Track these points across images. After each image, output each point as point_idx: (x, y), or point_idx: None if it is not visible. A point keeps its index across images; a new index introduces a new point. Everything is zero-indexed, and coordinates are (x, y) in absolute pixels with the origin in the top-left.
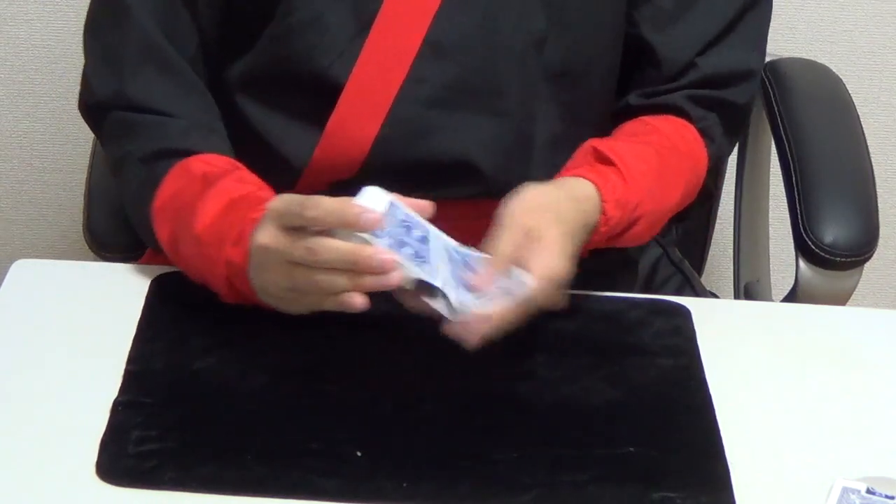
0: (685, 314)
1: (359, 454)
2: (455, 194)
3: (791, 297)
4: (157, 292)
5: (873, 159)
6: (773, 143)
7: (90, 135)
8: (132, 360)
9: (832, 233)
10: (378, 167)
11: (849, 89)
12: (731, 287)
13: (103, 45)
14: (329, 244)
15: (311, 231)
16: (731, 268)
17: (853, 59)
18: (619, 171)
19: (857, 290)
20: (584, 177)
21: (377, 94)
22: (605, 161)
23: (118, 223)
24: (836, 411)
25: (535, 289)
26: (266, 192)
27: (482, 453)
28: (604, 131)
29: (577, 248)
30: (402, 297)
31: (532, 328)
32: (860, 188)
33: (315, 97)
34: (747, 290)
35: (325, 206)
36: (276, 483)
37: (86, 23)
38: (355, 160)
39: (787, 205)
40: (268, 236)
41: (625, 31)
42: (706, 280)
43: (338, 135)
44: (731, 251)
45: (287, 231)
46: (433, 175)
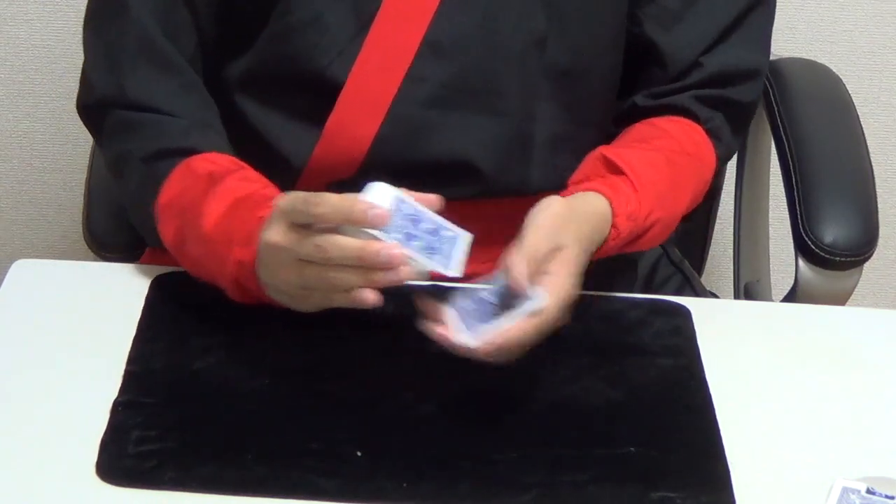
0: (685, 314)
1: (359, 454)
2: (454, 194)
3: (791, 297)
4: (157, 292)
5: (873, 159)
6: (773, 143)
7: (90, 135)
8: (132, 361)
9: (832, 233)
10: (377, 167)
11: (849, 89)
12: (731, 287)
13: (103, 42)
14: (337, 241)
15: (319, 228)
16: (731, 268)
17: (853, 59)
18: (630, 180)
19: (857, 290)
20: (596, 191)
21: (376, 94)
22: (616, 170)
23: (118, 223)
24: (836, 411)
25: (549, 306)
26: (271, 190)
27: (482, 453)
28: (605, 131)
29: (586, 264)
30: (421, 306)
31: None
32: (860, 188)
33: (314, 96)
34: (747, 290)
35: (332, 203)
36: (276, 483)
37: (85, 19)
38: (354, 160)
39: (787, 205)
40: (276, 234)
41: (629, 31)
42: (706, 280)
43: (337, 134)
44: (731, 251)
45: (295, 228)
46: (432, 175)
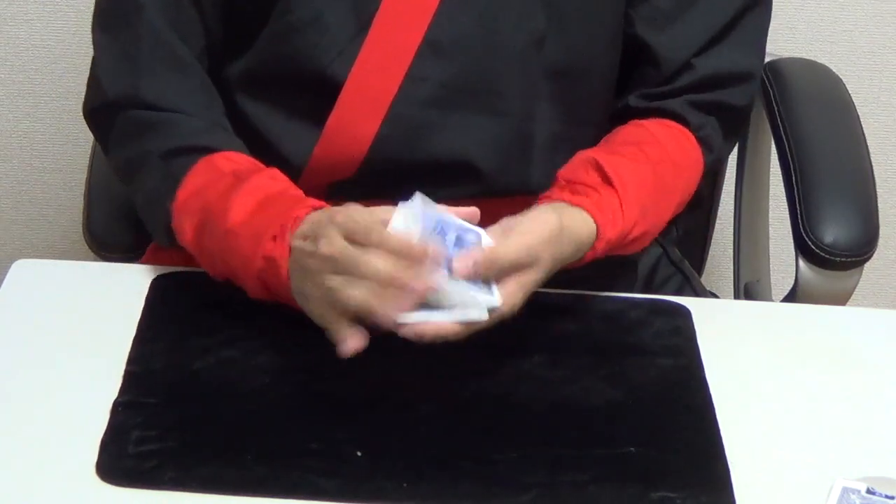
0: (685, 314)
1: (359, 454)
2: (454, 194)
3: (791, 297)
4: (157, 292)
5: (873, 159)
6: (773, 143)
7: (90, 135)
8: (132, 361)
9: (832, 233)
10: (377, 166)
11: (849, 89)
12: (731, 287)
13: (116, 43)
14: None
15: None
16: (731, 268)
17: (853, 59)
18: (618, 196)
19: (857, 290)
20: (588, 211)
21: (376, 93)
22: (606, 180)
23: (118, 223)
24: (836, 411)
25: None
26: (296, 191)
27: (482, 453)
28: (603, 130)
29: (538, 287)
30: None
31: (532, 328)
32: (860, 188)
33: (314, 96)
34: (747, 290)
35: (392, 243)
36: (276, 483)
37: (94, 20)
38: (354, 159)
39: (787, 205)
40: (330, 245)
41: (623, 31)
42: (706, 280)
43: (337, 134)
44: (731, 251)
45: (353, 244)
46: (432, 175)
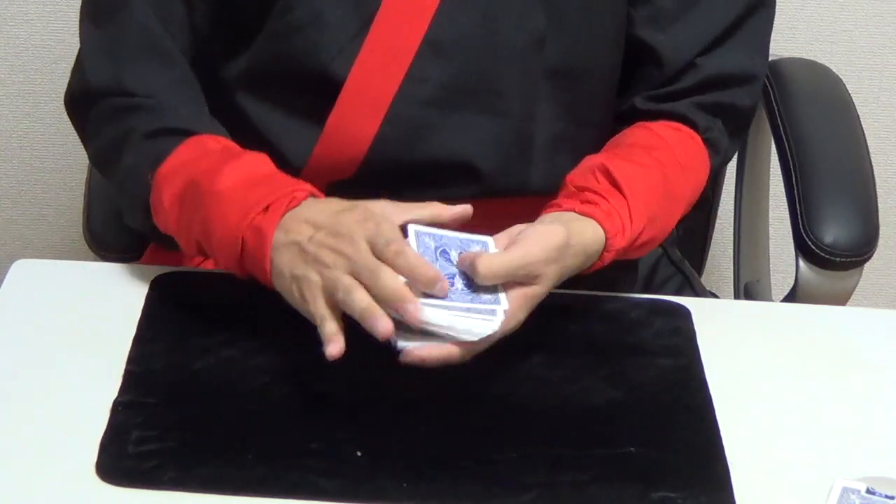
0: (685, 314)
1: (359, 454)
2: (454, 194)
3: (791, 297)
4: (157, 292)
5: (873, 159)
6: (773, 143)
7: None
8: (132, 361)
9: (832, 233)
10: (377, 166)
11: (849, 89)
12: (731, 287)
13: (102, 34)
14: (387, 280)
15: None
16: (731, 268)
17: (853, 59)
18: (628, 205)
19: (857, 290)
20: (598, 221)
21: (377, 93)
22: (616, 187)
23: (118, 223)
24: (836, 411)
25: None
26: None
27: (482, 453)
28: (605, 131)
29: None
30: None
31: (532, 328)
32: (860, 188)
33: (315, 95)
34: (747, 290)
35: (410, 261)
36: (276, 483)
37: (82, 11)
38: (354, 159)
39: (787, 205)
40: (353, 248)
41: (625, 31)
42: (706, 280)
43: (337, 133)
44: (731, 251)
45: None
46: (432, 175)
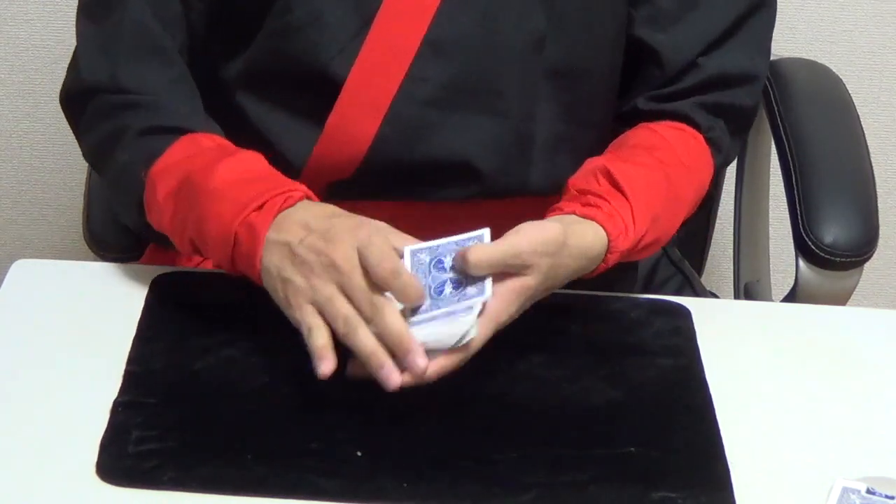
0: (685, 314)
1: (359, 454)
2: (453, 195)
3: (791, 297)
4: (157, 292)
5: (873, 159)
6: (773, 143)
7: None
8: (132, 361)
9: (832, 233)
10: (377, 166)
11: (849, 89)
12: (731, 287)
13: (98, 30)
14: (386, 316)
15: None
16: (731, 268)
17: (853, 59)
18: (629, 203)
19: (857, 290)
20: (600, 223)
21: (377, 93)
22: (617, 189)
23: (118, 223)
24: (836, 411)
25: (476, 339)
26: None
27: (482, 453)
28: (605, 131)
29: (540, 297)
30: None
31: (532, 328)
32: (860, 188)
33: (314, 95)
34: (747, 290)
35: (405, 282)
36: (276, 483)
37: (79, 8)
38: (354, 159)
39: (787, 205)
40: (344, 258)
41: (626, 32)
42: (706, 280)
43: (337, 133)
44: (731, 251)
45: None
46: (432, 175)
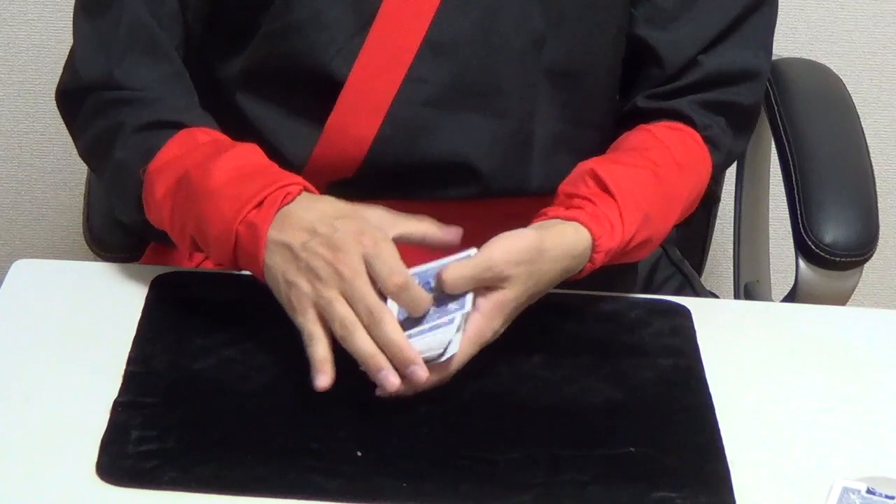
0: (685, 314)
1: (359, 454)
2: (453, 195)
3: (791, 297)
4: (157, 292)
5: (873, 159)
6: (773, 143)
7: None
8: (132, 361)
9: (832, 233)
10: (377, 167)
11: (849, 89)
12: (731, 287)
13: (94, 28)
14: (386, 325)
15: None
16: (731, 268)
17: (853, 59)
18: (618, 206)
19: (857, 290)
20: (583, 223)
21: (377, 93)
22: (604, 190)
23: (118, 223)
24: (836, 411)
25: (459, 355)
26: (279, 168)
27: (482, 453)
28: (605, 131)
29: (525, 305)
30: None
31: (532, 328)
32: (860, 188)
33: (315, 95)
34: (747, 290)
35: (413, 294)
36: (276, 483)
37: (77, 5)
38: (354, 159)
39: (787, 205)
40: (348, 265)
41: (626, 31)
42: (706, 280)
43: (337, 133)
44: (731, 251)
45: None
46: (431, 175)
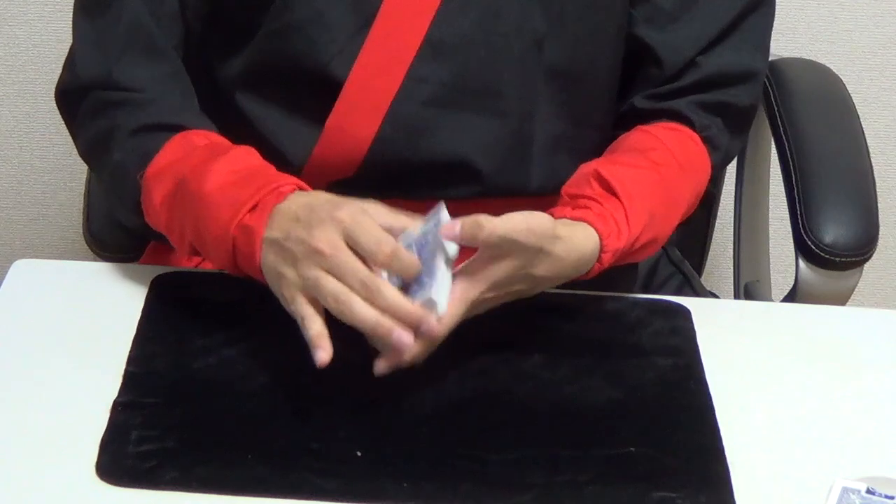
0: (685, 314)
1: (359, 454)
2: (453, 195)
3: (791, 297)
4: (157, 292)
5: (873, 159)
6: (773, 143)
7: None
8: (132, 361)
9: (832, 233)
10: (377, 166)
11: (849, 89)
12: (731, 287)
13: (93, 27)
14: (383, 290)
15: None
16: (731, 268)
17: (853, 59)
18: (623, 207)
19: (857, 290)
20: (591, 223)
21: (377, 93)
22: (610, 191)
23: (118, 223)
24: (836, 411)
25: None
26: (274, 169)
27: (482, 453)
28: (605, 132)
29: (518, 293)
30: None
31: (532, 328)
32: (860, 188)
33: (315, 95)
34: (747, 290)
35: (403, 259)
36: (276, 483)
37: (76, 5)
38: (354, 159)
39: (787, 205)
40: (325, 241)
41: (625, 31)
42: (706, 280)
43: (337, 133)
44: (731, 251)
45: (350, 249)
46: (431, 175)
